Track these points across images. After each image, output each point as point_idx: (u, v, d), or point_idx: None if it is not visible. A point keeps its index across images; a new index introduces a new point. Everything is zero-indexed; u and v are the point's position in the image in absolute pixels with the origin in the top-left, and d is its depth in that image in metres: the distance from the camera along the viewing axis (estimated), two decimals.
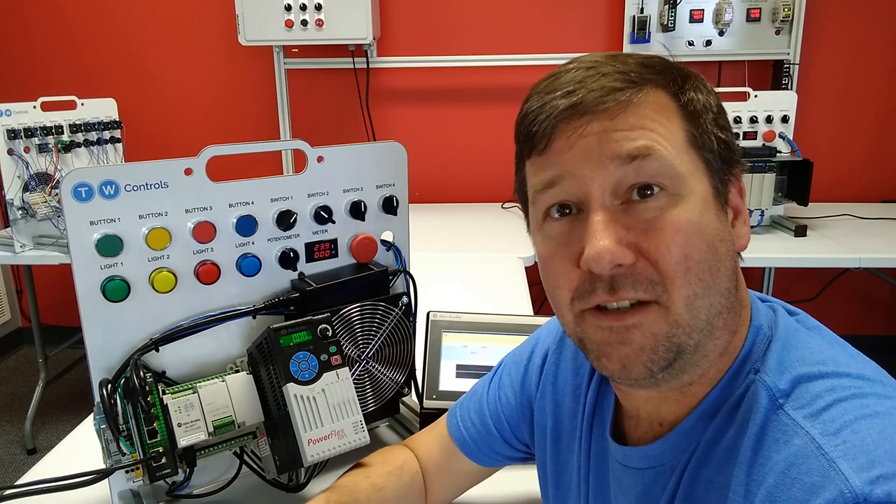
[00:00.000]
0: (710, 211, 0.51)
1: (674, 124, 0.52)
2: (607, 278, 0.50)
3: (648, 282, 0.50)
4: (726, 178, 0.54)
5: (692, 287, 0.50)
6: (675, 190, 0.50)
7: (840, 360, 0.51)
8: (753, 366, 0.53)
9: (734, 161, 0.55)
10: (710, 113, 0.54)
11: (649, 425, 0.59)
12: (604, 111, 0.50)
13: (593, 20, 2.77)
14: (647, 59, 0.54)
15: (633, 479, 0.59)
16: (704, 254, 0.50)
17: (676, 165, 0.50)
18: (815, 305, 2.81)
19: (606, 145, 0.50)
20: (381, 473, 0.78)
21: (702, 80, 0.56)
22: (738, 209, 0.56)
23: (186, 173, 0.80)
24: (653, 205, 0.50)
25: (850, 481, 0.42)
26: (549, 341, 0.76)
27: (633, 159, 0.50)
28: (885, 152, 2.79)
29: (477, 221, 2.54)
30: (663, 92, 0.52)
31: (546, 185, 0.53)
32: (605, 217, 0.50)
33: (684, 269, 0.49)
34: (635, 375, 0.52)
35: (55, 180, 2.17)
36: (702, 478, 0.53)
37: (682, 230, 0.49)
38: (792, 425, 0.47)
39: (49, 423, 2.72)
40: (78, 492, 0.73)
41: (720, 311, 0.52)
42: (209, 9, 2.86)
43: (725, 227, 0.53)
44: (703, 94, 0.54)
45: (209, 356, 0.85)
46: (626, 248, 0.49)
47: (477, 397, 0.81)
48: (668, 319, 0.50)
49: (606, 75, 0.51)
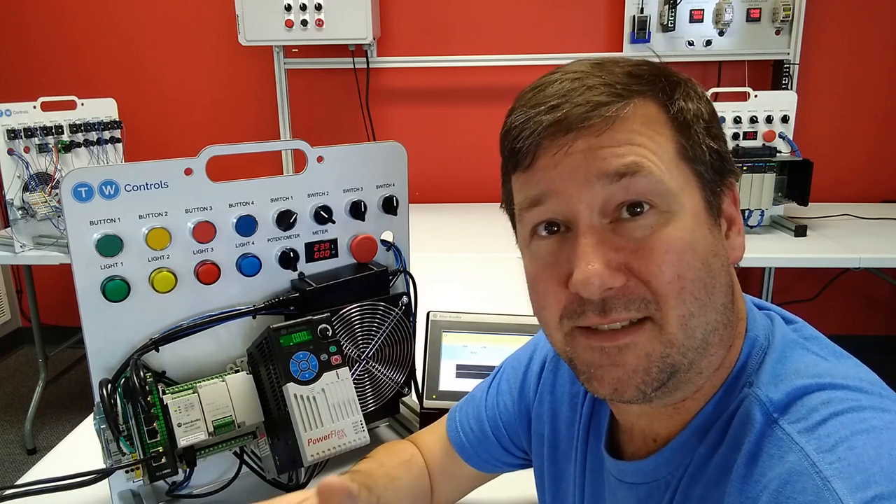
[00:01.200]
0: (702, 226, 0.50)
1: (663, 137, 0.50)
2: (598, 301, 0.49)
3: (641, 300, 0.48)
4: (719, 190, 0.52)
5: (687, 306, 0.48)
6: (666, 207, 0.48)
7: (837, 371, 0.49)
8: (748, 379, 0.51)
9: (727, 170, 0.53)
10: (702, 121, 0.51)
11: (643, 440, 0.58)
12: (590, 127, 0.48)
13: (593, 20, 2.76)
14: (635, 68, 0.51)
15: (628, 494, 0.59)
16: (698, 272, 0.48)
17: (666, 181, 0.48)
18: (815, 305, 2.81)
19: (593, 163, 0.48)
20: (394, 464, 0.78)
21: (692, 85, 0.53)
22: (731, 219, 0.54)
23: (186, 173, 0.80)
24: (643, 223, 0.48)
25: (845, 502, 0.40)
26: (547, 348, 0.75)
27: (621, 177, 0.48)
28: (885, 152, 2.79)
29: (477, 221, 2.54)
30: (652, 103, 0.50)
31: (531, 202, 0.52)
32: (594, 239, 0.48)
33: (678, 288, 0.48)
34: (628, 398, 0.50)
35: (55, 180, 2.17)
36: (694, 495, 0.51)
37: (674, 249, 0.48)
38: (787, 440, 0.46)
39: (49, 423, 2.72)
40: (78, 492, 0.73)
41: (716, 328, 0.50)
42: (209, 9, 2.86)
43: (719, 240, 0.51)
44: (693, 102, 0.52)
45: (209, 356, 0.85)
46: (616, 271, 0.48)
47: (476, 403, 0.80)
48: (661, 339, 0.49)
49: (592, 88, 0.49)
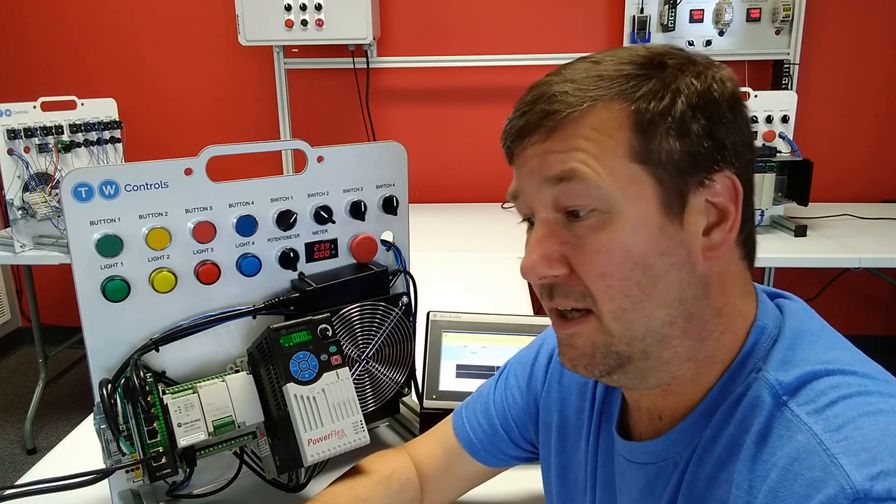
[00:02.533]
0: (647, 227, 0.51)
1: (614, 140, 0.50)
2: (547, 286, 0.55)
3: (580, 293, 0.53)
4: (685, 189, 0.51)
5: (616, 302, 0.52)
6: (606, 208, 0.51)
7: (845, 358, 0.51)
8: (756, 365, 0.53)
9: (711, 164, 0.51)
10: (668, 119, 0.50)
11: (650, 418, 0.61)
12: (541, 133, 0.53)
13: (593, 20, 2.77)
14: (614, 67, 0.52)
15: (637, 474, 0.60)
16: (629, 272, 0.51)
17: (604, 186, 0.50)
18: (816, 305, 2.73)
19: (542, 167, 0.53)
20: (368, 484, 0.77)
21: (677, 78, 0.52)
22: (724, 212, 0.53)
23: (186, 173, 0.80)
24: (584, 223, 0.52)
25: (851, 477, 0.42)
26: (554, 341, 0.75)
27: (559, 181, 0.52)
28: (885, 152, 2.79)
29: (477, 221, 2.54)
30: (613, 104, 0.51)
31: (512, 196, 0.58)
32: (541, 233, 0.54)
33: (605, 286, 0.52)
34: (581, 374, 0.57)
35: (55, 180, 2.17)
36: (703, 474, 0.54)
37: (604, 250, 0.51)
38: (796, 421, 0.48)
39: (49, 423, 2.72)
40: (78, 492, 0.73)
41: (668, 322, 0.52)
42: (209, 9, 2.86)
43: (674, 239, 0.51)
44: (662, 101, 0.51)
45: (209, 356, 0.85)
46: (557, 262, 0.53)
47: (483, 398, 0.81)
48: (602, 330, 0.54)
49: (552, 96, 0.52)
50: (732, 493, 0.50)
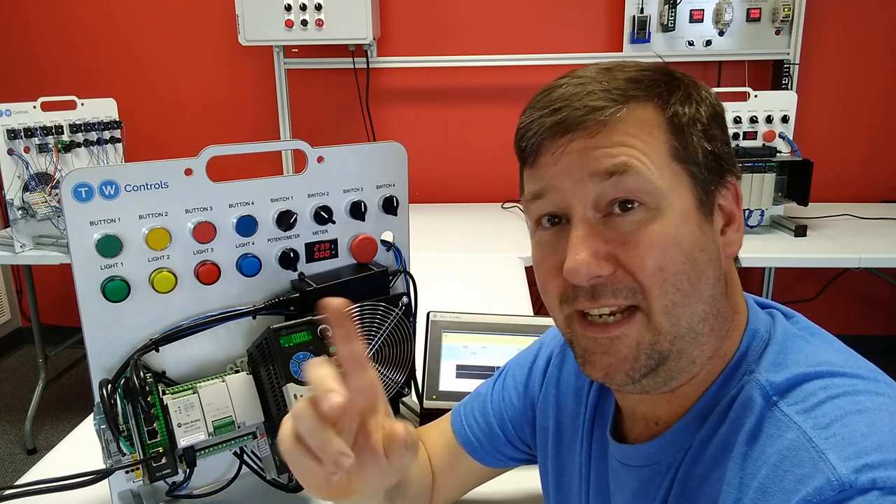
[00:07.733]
0: (689, 222, 0.53)
1: (656, 139, 0.53)
2: (588, 287, 0.53)
3: (628, 289, 0.52)
4: (713, 189, 0.55)
5: (669, 297, 0.52)
6: (655, 204, 0.52)
7: (835, 361, 0.52)
8: (748, 367, 0.55)
9: (724, 170, 0.56)
10: (699, 125, 0.54)
11: (645, 424, 0.61)
12: (585, 129, 0.53)
13: (593, 20, 2.76)
14: (638, 73, 0.55)
15: (630, 477, 0.61)
16: (682, 265, 0.52)
17: (655, 181, 0.52)
18: (815, 305, 2.81)
19: (587, 162, 0.52)
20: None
21: (695, 89, 0.56)
22: (731, 215, 0.57)
23: (186, 173, 0.80)
24: (631, 218, 0.52)
25: (837, 470, 0.43)
26: (553, 345, 0.77)
27: (610, 175, 0.52)
28: (885, 152, 2.79)
29: (477, 221, 2.54)
30: (649, 106, 0.54)
31: (534, 196, 0.56)
32: (585, 231, 0.53)
33: (660, 280, 0.52)
34: (618, 382, 0.55)
35: (55, 180, 2.17)
36: (695, 475, 0.54)
37: (658, 244, 0.51)
38: (786, 420, 0.49)
39: (49, 423, 2.72)
40: (78, 492, 0.73)
41: (704, 318, 0.54)
42: (209, 9, 2.86)
43: (709, 236, 0.54)
44: (691, 107, 0.55)
45: (209, 356, 0.85)
46: (604, 261, 0.52)
47: (481, 398, 0.82)
48: (650, 327, 0.53)
49: (591, 93, 0.53)
50: (723, 490, 0.51)
